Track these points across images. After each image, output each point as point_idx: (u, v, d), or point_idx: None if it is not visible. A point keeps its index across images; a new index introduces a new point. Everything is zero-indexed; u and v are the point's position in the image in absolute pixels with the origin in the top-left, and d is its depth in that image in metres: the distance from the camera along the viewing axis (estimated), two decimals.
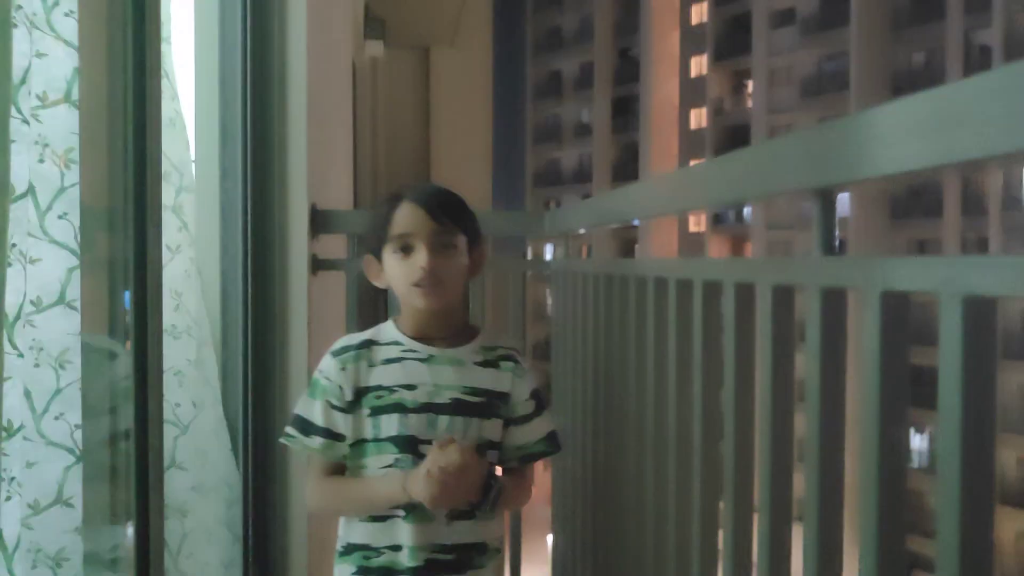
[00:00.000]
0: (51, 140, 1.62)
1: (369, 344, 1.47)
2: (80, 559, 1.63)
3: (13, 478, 1.54)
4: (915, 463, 20.30)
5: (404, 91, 5.43)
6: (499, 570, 1.53)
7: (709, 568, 1.38)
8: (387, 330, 1.50)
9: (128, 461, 1.73)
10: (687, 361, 1.41)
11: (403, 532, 1.42)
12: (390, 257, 1.44)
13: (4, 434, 1.51)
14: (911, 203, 24.69)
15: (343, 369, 1.44)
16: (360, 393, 1.44)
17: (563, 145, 36.07)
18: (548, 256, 2.47)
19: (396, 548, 1.42)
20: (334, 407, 1.44)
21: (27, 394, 1.58)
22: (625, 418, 1.74)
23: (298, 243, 2.18)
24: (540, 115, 37.48)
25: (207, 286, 2.14)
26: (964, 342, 0.70)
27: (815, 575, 0.99)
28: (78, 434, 1.63)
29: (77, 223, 1.65)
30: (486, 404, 1.46)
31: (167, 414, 2.00)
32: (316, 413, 1.46)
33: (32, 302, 1.59)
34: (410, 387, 1.43)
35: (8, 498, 1.52)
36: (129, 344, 1.73)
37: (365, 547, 1.44)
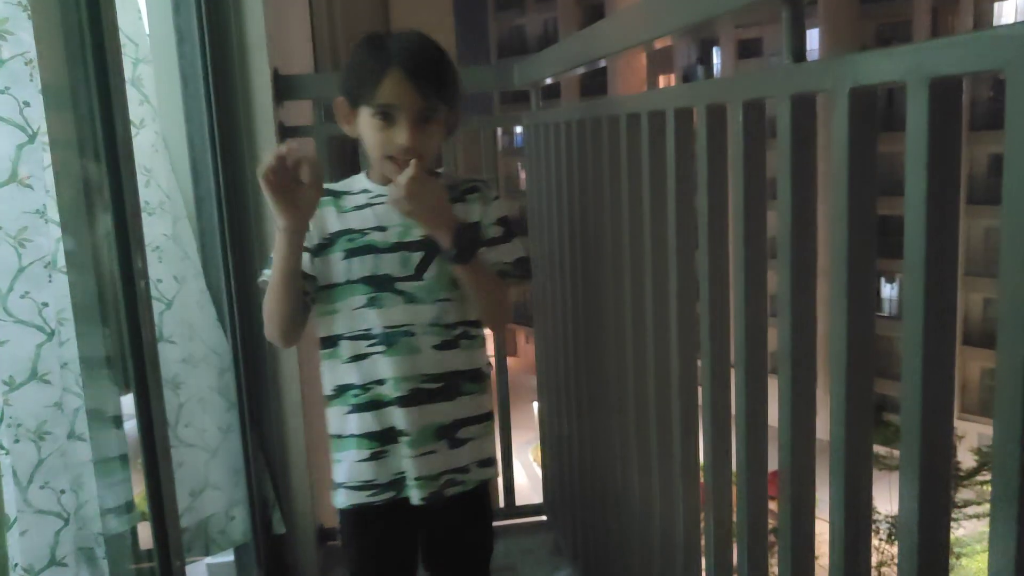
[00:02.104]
0: None
1: (338, 192, 1.49)
2: (63, 432, 1.66)
3: None
4: (885, 311, 20.86)
5: None
6: (489, 391, 1.56)
7: (690, 421, 1.44)
8: (358, 180, 1.51)
9: (122, 339, 1.75)
10: (662, 198, 1.42)
11: (385, 366, 1.44)
12: (368, 120, 1.40)
13: None
14: None
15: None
16: (331, 238, 1.45)
17: (526, 11, 34.97)
18: (517, 138, 2.44)
19: (380, 382, 1.45)
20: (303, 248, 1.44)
21: None
22: (602, 273, 1.77)
23: (263, 110, 2.14)
24: None
25: (176, 160, 2.11)
26: (930, 123, 0.71)
27: (790, 423, 1.04)
28: (47, 311, 1.64)
29: (22, 97, 1.61)
30: None
31: (150, 290, 2.01)
32: None
33: None
34: (380, 228, 1.44)
35: None
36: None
37: (350, 386, 1.47)
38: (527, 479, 16.49)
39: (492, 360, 1.66)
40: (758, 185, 1.11)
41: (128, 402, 1.81)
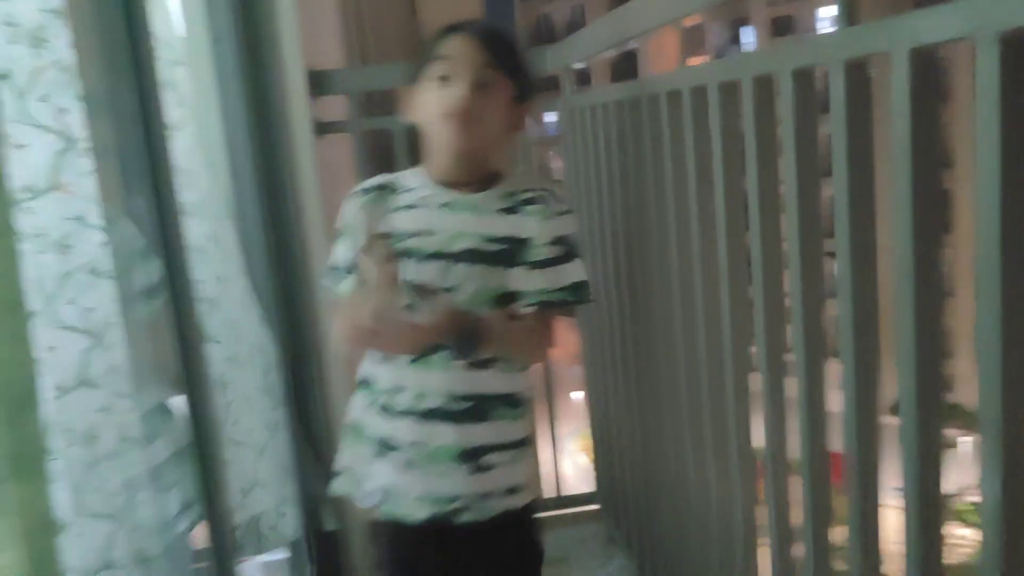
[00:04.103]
0: (19, 19, 1.56)
1: (387, 188, 1.41)
2: (114, 436, 1.68)
3: (38, 359, 1.56)
4: None
5: None
6: (527, 417, 1.44)
7: (743, 406, 1.40)
8: (411, 174, 1.42)
9: (171, 340, 1.76)
10: (708, 178, 1.38)
11: (409, 374, 1.37)
12: (427, 86, 1.33)
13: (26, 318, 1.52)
14: None
15: (362, 209, 1.40)
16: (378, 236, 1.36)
17: None
18: (548, 128, 2.41)
19: (398, 389, 1.38)
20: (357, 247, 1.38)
21: (37, 279, 1.59)
22: (649, 257, 1.73)
23: (299, 107, 2.13)
24: None
25: (214, 160, 2.11)
26: (1002, 82, 0.67)
27: (855, 406, 1.01)
28: (92, 316, 1.65)
29: (61, 104, 1.62)
30: (506, 252, 1.34)
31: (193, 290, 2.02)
32: (340, 255, 1.42)
33: (27, 188, 1.58)
34: (424, 234, 1.35)
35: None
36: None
37: (374, 382, 1.42)
38: (572, 469, 16.47)
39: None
40: (811, 160, 1.07)
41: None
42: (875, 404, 1.02)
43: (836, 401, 1.08)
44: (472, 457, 1.37)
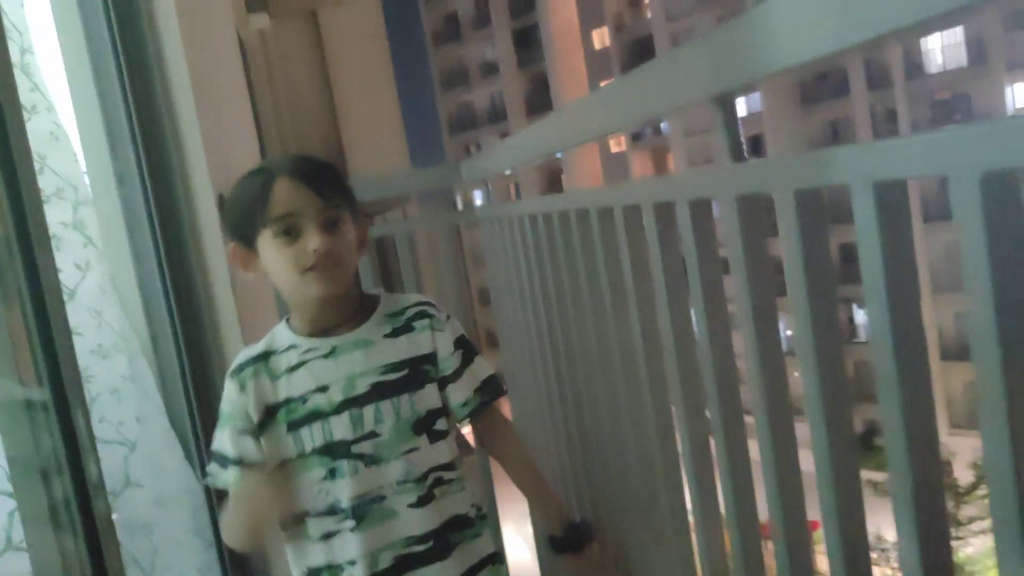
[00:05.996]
0: None
1: (266, 356, 1.32)
2: None
3: None
4: (861, 337, 21.04)
5: (298, 59, 5.27)
6: (487, 529, 1.38)
7: (673, 473, 1.39)
8: (281, 334, 1.33)
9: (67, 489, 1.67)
10: (619, 287, 1.40)
11: (355, 543, 1.28)
12: (270, 244, 1.24)
13: None
14: (819, 87, 25.41)
15: (243, 390, 1.30)
16: (270, 411, 1.30)
17: (472, 87, 35.72)
18: (479, 200, 2.43)
19: (352, 563, 1.29)
20: (243, 432, 1.30)
21: None
22: (570, 351, 1.74)
23: (212, 237, 2.11)
24: (444, 60, 36.93)
25: (127, 298, 2.06)
26: (880, 225, 0.69)
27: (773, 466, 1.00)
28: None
29: None
30: (412, 375, 1.30)
31: (111, 434, 1.95)
32: (226, 443, 1.31)
33: None
34: (322, 389, 1.28)
35: None
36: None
37: (328, 567, 1.30)
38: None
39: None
40: (713, 275, 1.09)
41: None
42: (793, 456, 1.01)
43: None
44: None
